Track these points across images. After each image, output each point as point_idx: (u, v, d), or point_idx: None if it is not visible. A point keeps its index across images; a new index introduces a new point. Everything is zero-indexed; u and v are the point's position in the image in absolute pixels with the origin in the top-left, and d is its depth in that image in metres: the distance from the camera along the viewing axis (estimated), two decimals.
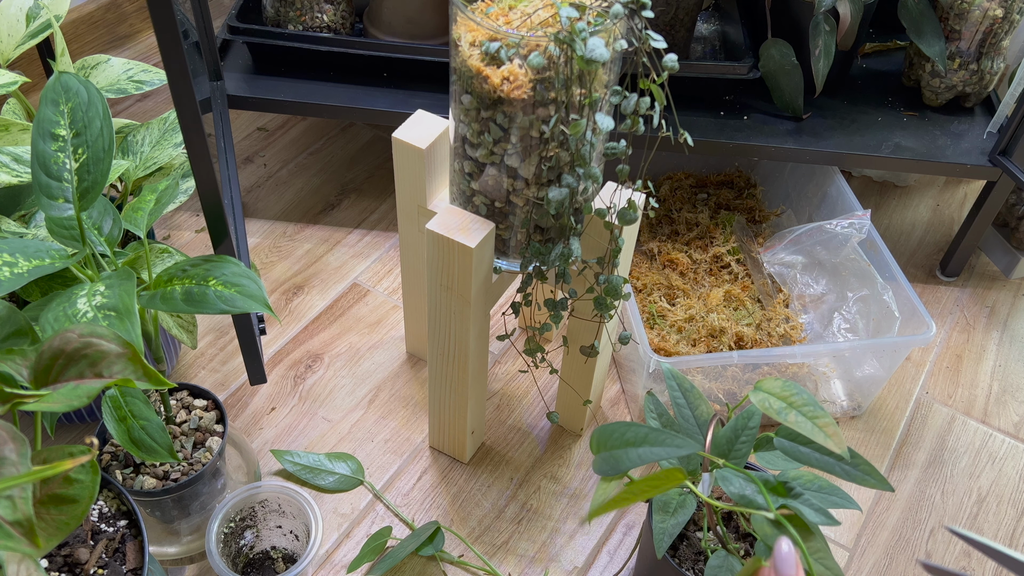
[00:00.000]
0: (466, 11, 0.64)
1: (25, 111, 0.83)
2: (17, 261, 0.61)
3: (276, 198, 1.21)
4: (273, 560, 0.83)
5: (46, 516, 0.49)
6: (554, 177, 0.69)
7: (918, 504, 0.93)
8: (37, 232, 0.74)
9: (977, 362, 1.07)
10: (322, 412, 0.97)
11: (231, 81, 1.10)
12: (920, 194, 1.29)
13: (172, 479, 0.76)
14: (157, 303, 0.64)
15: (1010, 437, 1.00)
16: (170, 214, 1.17)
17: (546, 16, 0.64)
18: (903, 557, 0.89)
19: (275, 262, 1.13)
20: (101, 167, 0.63)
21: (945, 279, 1.17)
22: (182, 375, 0.99)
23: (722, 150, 1.05)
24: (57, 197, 0.62)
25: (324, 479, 0.89)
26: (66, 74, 0.64)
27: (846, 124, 1.09)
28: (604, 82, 0.66)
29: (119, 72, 0.86)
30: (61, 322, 0.58)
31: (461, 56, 0.65)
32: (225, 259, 0.66)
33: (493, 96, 0.64)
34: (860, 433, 0.99)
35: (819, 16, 1.01)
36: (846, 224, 1.00)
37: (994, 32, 1.05)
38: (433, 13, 1.11)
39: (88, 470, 0.50)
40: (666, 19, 1.05)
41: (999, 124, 1.08)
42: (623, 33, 0.64)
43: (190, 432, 0.79)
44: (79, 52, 1.34)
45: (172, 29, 0.53)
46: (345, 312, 1.08)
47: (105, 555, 0.62)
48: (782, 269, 1.06)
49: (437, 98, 1.08)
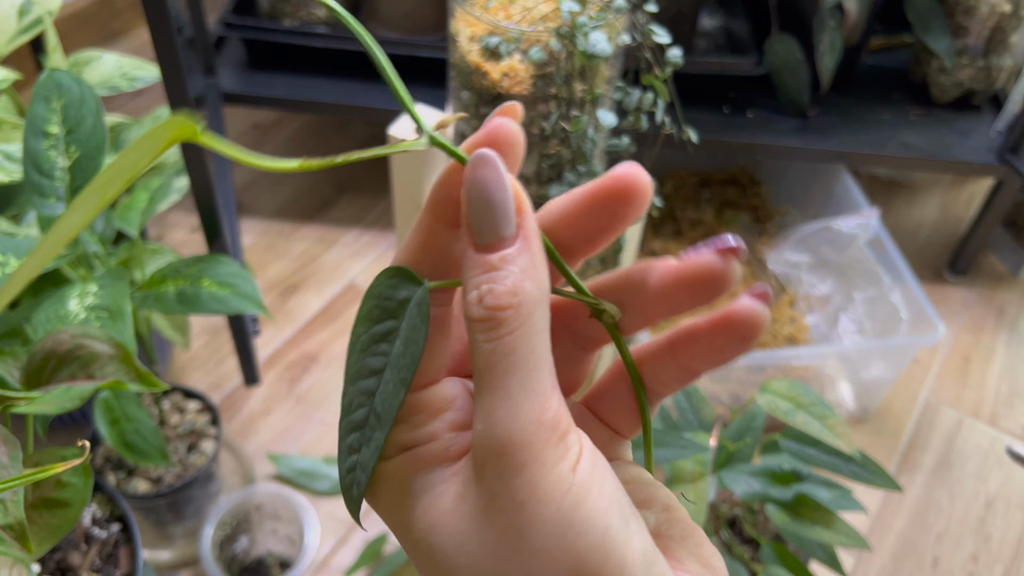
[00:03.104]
0: (465, 5, 0.63)
1: (17, 108, 0.82)
2: (8, 261, 0.60)
3: (271, 196, 1.20)
4: (268, 566, 0.82)
5: (38, 520, 0.48)
6: (555, 175, 0.68)
7: (925, 507, 0.92)
8: (29, 231, 0.73)
9: (985, 363, 1.06)
10: (318, 415, 0.96)
11: (226, 77, 1.08)
12: (927, 193, 1.28)
13: (166, 483, 0.75)
14: (150, 303, 0.63)
15: (1019, 440, 0.99)
16: (163, 213, 1.16)
17: (547, 10, 0.62)
18: (909, 561, 0.87)
19: (270, 262, 1.11)
20: (93, 165, 0.62)
21: (953, 279, 1.16)
22: (175, 377, 0.98)
23: (726, 148, 1.04)
24: (49, 195, 0.61)
25: (320, 483, 0.88)
26: (58, 71, 0.63)
27: (852, 121, 1.08)
28: (606, 78, 0.64)
29: (112, 69, 0.85)
30: (53, 323, 0.57)
31: (460, 51, 0.64)
32: (219, 258, 0.65)
33: (493, 92, 0.63)
34: (866, 436, 0.98)
35: (825, 11, 0.99)
36: (853, 223, 0.98)
37: (1002, 28, 1.04)
38: (431, 7, 1.09)
39: (80, 473, 0.49)
40: (669, 14, 1.03)
41: (1007, 122, 1.07)
42: (626, 28, 0.62)
43: (184, 435, 0.77)
44: (71, 48, 1.33)
45: (166, 25, 0.52)
46: (342, 313, 1.06)
47: (98, 560, 0.62)
48: (787, 269, 1.05)
49: (435, 94, 1.07)
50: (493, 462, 0.21)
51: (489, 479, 0.21)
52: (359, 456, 0.23)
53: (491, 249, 0.22)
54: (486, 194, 0.22)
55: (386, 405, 0.23)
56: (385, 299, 0.24)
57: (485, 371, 0.21)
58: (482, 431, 0.21)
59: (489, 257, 0.22)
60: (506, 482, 0.21)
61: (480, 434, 0.21)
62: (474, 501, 0.22)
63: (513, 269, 0.21)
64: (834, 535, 0.59)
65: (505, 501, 0.21)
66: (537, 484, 0.21)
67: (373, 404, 0.23)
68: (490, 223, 0.22)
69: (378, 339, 0.24)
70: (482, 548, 0.21)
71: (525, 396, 0.21)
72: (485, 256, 0.22)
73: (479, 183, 0.22)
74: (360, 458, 0.23)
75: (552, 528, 0.21)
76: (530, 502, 0.21)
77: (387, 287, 0.24)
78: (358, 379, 0.24)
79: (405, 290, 0.23)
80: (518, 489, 0.21)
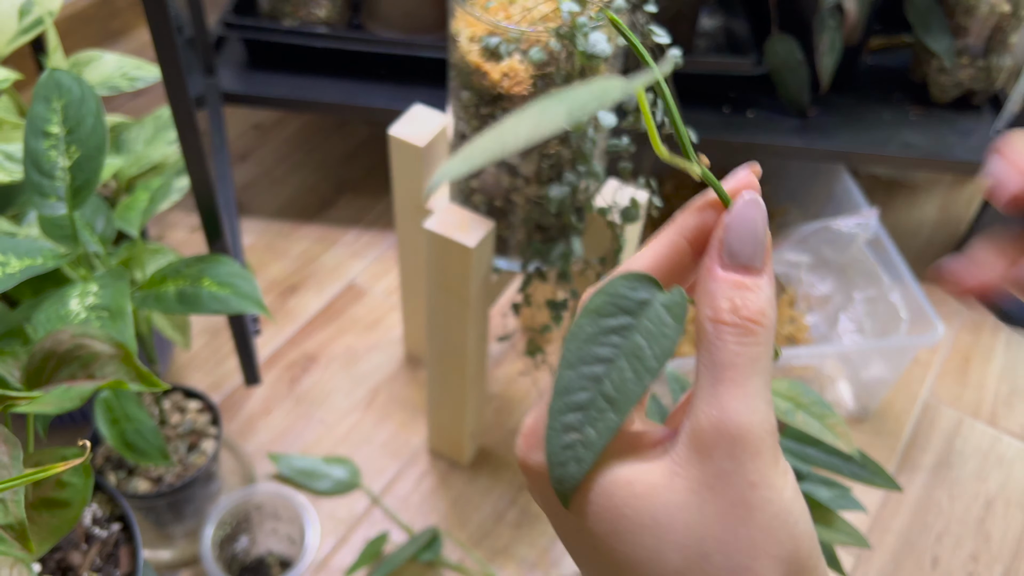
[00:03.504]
0: (465, 5, 0.63)
1: (17, 108, 0.82)
2: (8, 260, 0.60)
3: (271, 196, 1.20)
4: (269, 565, 0.82)
5: (39, 520, 0.49)
6: (555, 175, 0.68)
7: (925, 508, 0.92)
8: (29, 231, 0.73)
9: (985, 363, 1.06)
10: (319, 414, 0.96)
11: (226, 77, 1.08)
12: (927, 193, 1.28)
13: (166, 482, 0.75)
14: (150, 303, 0.63)
15: (1019, 440, 0.99)
16: (164, 213, 1.16)
17: (547, 11, 0.62)
18: (909, 562, 0.87)
19: (270, 261, 1.11)
20: (94, 165, 0.62)
21: None
22: (176, 377, 0.98)
23: (726, 148, 1.04)
24: (49, 195, 0.61)
25: (321, 483, 0.88)
26: (58, 71, 0.63)
27: (852, 121, 1.08)
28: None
29: (112, 69, 0.84)
30: (53, 323, 0.57)
31: (460, 51, 0.64)
32: (219, 258, 0.65)
33: (493, 92, 0.63)
34: (866, 436, 0.98)
35: (825, 11, 0.99)
36: (852, 223, 0.98)
37: (1002, 28, 1.04)
38: (431, 7, 1.09)
39: (81, 473, 0.50)
40: (669, 14, 1.03)
41: (1007, 121, 1.07)
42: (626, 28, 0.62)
43: (184, 435, 0.77)
44: (72, 48, 1.33)
45: (166, 24, 0.52)
46: (342, 312, 1.06)
47: (98, 559, 0.62)
48: (787, 268, 1.05)
49: (435, 94, 1.07)
50: (728, 444, 0.24)
51: (720, 458, 0.24)
52: (581, 435, 0.26)
53: (742, 272, 0.26)
54: (753, 228, 0.26)
55: (624, 391, 0.26)
56: (621, 298, 0.26)
57: (730, 367, 0.25)
58: (719, 416, 0.24)
59: (742, 278, 0.26)
60: (740, 463, 0.24)
61: (714, 418, 0.24)
62: (696, 476, 0.24)
63: (761, 294, 0.26)
64: (834, 534, 0.59)
65: (737, 479, 0.24)
66: (767, 471, 0.24)
67: (601, 388, 0.26)
68: (748, 251, 0.26)
69: (609, 331, 0.26)
70: (703, 517, 0.24)
71: (762, 399, 0.25)
72: (737, 276, 0.26)
73: (749, 219, 0.26)
74: (583, 437, 0.26)
75: (777, 510, 0.24)
76: (761, 485, 0.24)
77: (625, 288, 0.26)
78: (580, 364, 0.26)
79: (645, 292, 0.26)
80: (751, 471, 0.24)
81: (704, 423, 0.25)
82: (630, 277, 0.27)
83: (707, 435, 0.24)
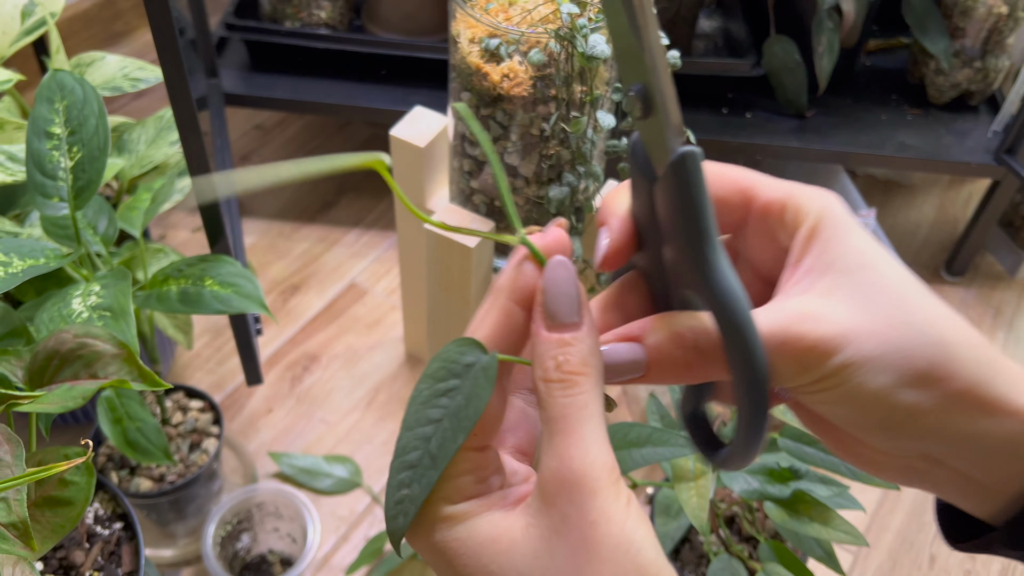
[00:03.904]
0: (465, 7, 0.63)
1: (20, 109, 0.82)
2: (11, 261, 0.60)
3: (273, 197, 1.21)
4: (270, 563, 0.82)
5: (41, 518, 0.49)
6: (555, 175, 0.68)
7: (923, 507, 0.92)
8: (32, 231, 0.73)
9: None
10: (320, 414, 0.96)
11: (227, 78, 1.09)
12: (924, 193, 1.28)
13: (168, 481, 0.75)
14: (153, 303, 0.64)
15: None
16: (166, 213, 1.16)
17: (547, 12, 0.63)
18: (907, 559, 0.88)
19: (272, 262, 1.12)
20: (96, 165, 0.62)
21: (950, 279, 1.16)
22: (178, 376, 0.98)
23: (725, 148, 1.04)
24: (52, 196, 0.61)
25: (322, 482, 0.89)
26: (61, 72, 0.64)
27: (850, 122, 1.08)
28: (605, 79, 0.65)
29: (114, 70, 0.85)
30: (56, 322, 0.57)
31: (460, 53, 0.64)
32: (221, 259, 0.65)
33: (493, 93, 0.63)
34: None
35: (823, 12, 1.00)
36: None
37: (999, 29, 1.04)
38: (432, 9, 1.10)
39: (83, 472, 0.50)
40: (668, 15, 1.04)
41: (1004, 122, 1.07)
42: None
43: (186, 434, 0.78)
44: (74, 49, 1.33)
45: (168, 26, 0.52)
46: (343, 312, 1.07)
47: (101, 558, 0.62)
48: None
49: (436, 95, 1.07)
50: (567, 491, 0.26)
51: (562, 504, 0.26)
52: (409, 491, 0.28)
53: (562, 330, 0.28)
54: (565, 289, 0.28)
55: (443, 448, 0.27)
56: (452, 362, 0.28)
57: (560, 420, 0.27)
58: (557, 466, 0.26)
59: (563, 335, 0.27)
60: (579, 505, 0.26)
61: (554, 469, 0.26)
62: (546, 524, 0.26)
63: (582, 347, 0.27)
64: (832, 532, 0.59)
65: (577, 520, 0.26)
66: (605, 508, 0.26)
67: (428, 448, 0.27)
68: (565, 310, 0.28)
69: (440, 394, 0.28)
70: (555, 561, 0.26)
71: (595, 441, 0.26)
72: (559, 335, 0.27)
73: (557, 281, 0.28)
74: (410, 492, 0.28)
75: (618, 543, 0.25)
76: (600, 522, 0.25)
77: (455, 353, 0.28)
78: (416, 426, 0.28)
79: (472, 356, 0.28)
80: (591, 511, 0.25)
81: (546, 474, 0.26)
82: (461, 342, 0.28)
83: (550, 485, 0.26)
